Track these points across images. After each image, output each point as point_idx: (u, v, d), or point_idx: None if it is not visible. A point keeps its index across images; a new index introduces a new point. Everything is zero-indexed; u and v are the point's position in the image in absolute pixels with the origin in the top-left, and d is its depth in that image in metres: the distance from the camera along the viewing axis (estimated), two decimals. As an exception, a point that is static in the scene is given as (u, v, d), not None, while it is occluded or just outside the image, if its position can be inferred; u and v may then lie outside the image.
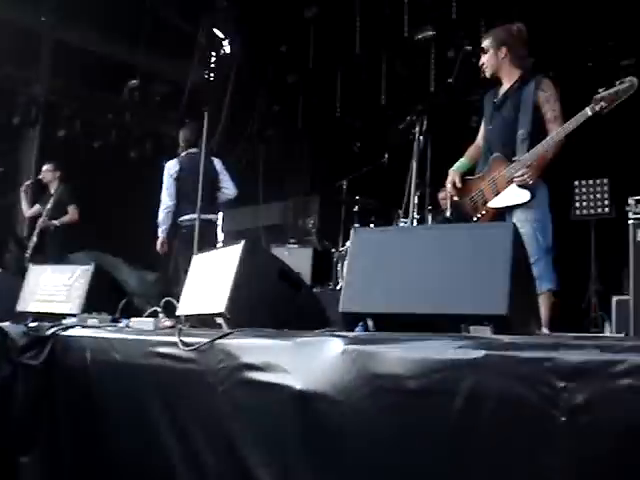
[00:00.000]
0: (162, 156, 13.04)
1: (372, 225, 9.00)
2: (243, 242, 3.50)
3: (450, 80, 4.84)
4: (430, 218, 7.94)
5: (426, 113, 4.62)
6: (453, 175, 5.04)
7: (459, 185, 4.98)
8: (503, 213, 4.72)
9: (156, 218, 8.38)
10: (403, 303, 2.89)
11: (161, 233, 8.05)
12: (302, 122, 13.52)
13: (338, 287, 8.53)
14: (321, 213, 13.66)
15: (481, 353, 2.33)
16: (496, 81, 5.04)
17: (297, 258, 9.63)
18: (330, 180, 11.49)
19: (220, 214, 13.90)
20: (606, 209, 8.92)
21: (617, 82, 4.32)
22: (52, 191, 9.60)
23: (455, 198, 4.97)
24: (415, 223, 8.06)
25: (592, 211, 8.98)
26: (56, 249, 9.18)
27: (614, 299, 7.61)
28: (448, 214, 4.91)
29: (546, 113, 4.60)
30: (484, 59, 4.90)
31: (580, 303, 8.64)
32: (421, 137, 4.72)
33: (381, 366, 2.53)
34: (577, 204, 9.05)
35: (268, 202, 13.89)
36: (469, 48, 5.00)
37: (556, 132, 4.40)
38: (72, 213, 9.38)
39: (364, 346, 2.61)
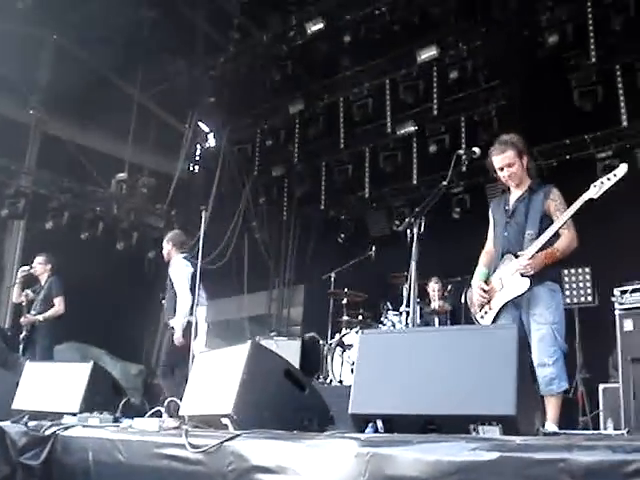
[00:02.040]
0: (147, 248, 13.25)
1: (360, 317, 9.05)
2: (249, 342, 3.56)
3: (445, 183, 4.97)
4: (419, 309, 8.02)
5: (424, 216, 4.70)
6: (479, 284, 5.13)
7: (487, 288, 5.05)
8: (513, 306, 4.86)
9: (142, 310, 8.65)
10: (412, 404, 2.96)
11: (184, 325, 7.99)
12: (287, 214, 13.71)
13: (328, 380, 8.53)
14: (306, 304, 13.71)
15: (495, 455, 2.39)
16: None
17: (285, 350, 9.64)
18: (315, 271, 11.61)
19: (204, 306, 14.00)
20: (589, 297, 9.05)
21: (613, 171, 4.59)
22: (42, 283, 9.60)
23: (485, 299, 5.01)
24: (404, 315, 8.21)
25: (575, 299, 9.09)
26: (45, 341, 9.14)
27: (601, 387, 7.68)
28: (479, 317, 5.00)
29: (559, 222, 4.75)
30: (512, 170, 5.00)
31: (568, 392, 8.66)
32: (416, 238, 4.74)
33: (395, 468, 2.57)
34: (561, 293, 9.18)
35: (253, 292, 13.93)
36: (460, 152, 5.17)
37: (556, 222, 4.60)
38: (58, 305, 9.36)
39: (378, 448, 2.66)
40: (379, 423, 3.01)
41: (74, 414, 4.54)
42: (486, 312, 4.98)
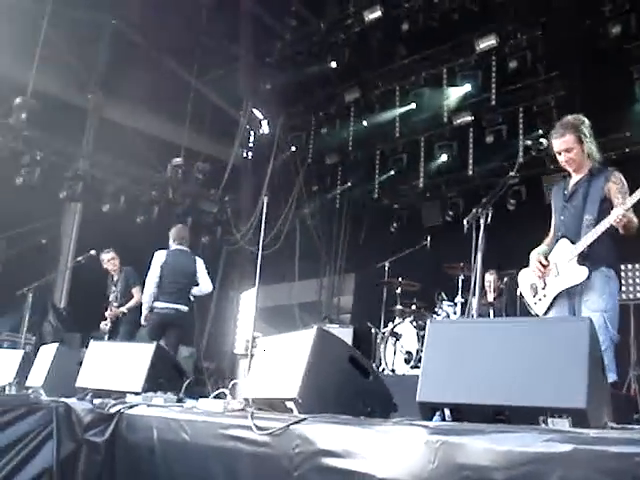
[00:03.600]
0: (202, 233, 13.41)
1: (414, 307, 9.03)
2: (315, 328, 3.59)
3: (512, 173, 4.93)
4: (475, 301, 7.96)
5: (491, 205, 4.66)
6: (538, 257, 5.08)
7: (545, 263, 4.99)
8: (567, 295, 4.80)
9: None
10: (480, 394, 2.95)
11: (147, 310, 8.60)
12: (340, 202, 13.73)
13: (381, 369, 8.55)
14: (356, 292, 13.73)
15: (569, 447, 2.37)
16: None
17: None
18: (366, 260, 11.60)
19: (254, 289, 14.12)
20: (646, 293, 8.93)
21: None
22: (116, 278, 9.76)
23: (541, 275, 4.99)
24: (459, 306, 8.18)
25: (631, 295, 8.96)
26: (127, 328, 9.32)
27: (655, 383, 7.59)
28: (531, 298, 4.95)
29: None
30: (571, 156, 4.90)
31: (621, 388, 8.56)
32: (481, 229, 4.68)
33: (466, 457, 2.57)
34: (616, 288, 9.05)
35: (303, 279, 14.01)
36: (529, 143, 5.10)
37: (614, 210, 4.46)
38: (136, 295, 9.48)
39: (448, 437, 2.66)
40: (447, 412, 3.01)
41: (137, 393, 4.62)
42: (540, 299, 4.92)
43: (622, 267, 8.99)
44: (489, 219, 4.59)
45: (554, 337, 2.93)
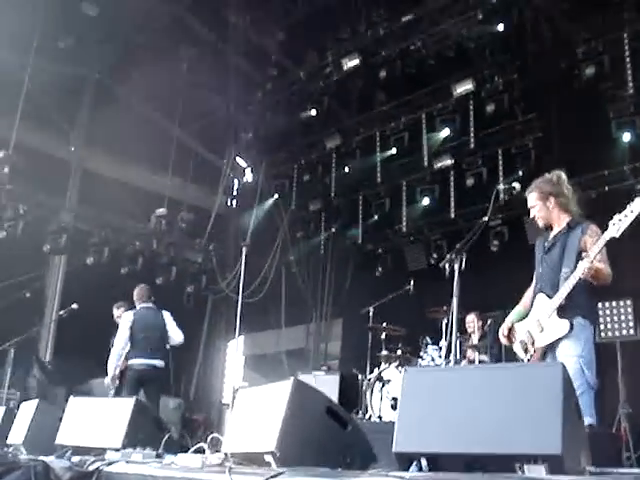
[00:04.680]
0: (186, 282, 13.38)
1: (399, 352, 9.00)
2: (292, 380, 3.57)
3: (485, 219, 4.98)
4: (459, 343, 7.96)
5: (465, 251, 4.70)
6: (504, 326, 5.16)
7: (505, 333, 5.09)
8: (552, 348, 4.80)
9: (180, 345, 8.91)
10: (456, 443, 2.93)
11: (115, 371, 8.72)
12: (324, 248, 13.76)
13: (368, 415, 8.48)
14: (344, 338, 13.68)
15: (543, 496, 2.37)
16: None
17: (323, 385, 9.62)
18: (353, 305, 11.59)
19: (241, 338, 14.05)
20: (631, 330, 8.92)
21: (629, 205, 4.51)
22: None
23: (507, 343, 5.09)
24: (444, 350, 8.16)
25: (617, 333, 8.97)
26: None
27: (645, 423, 7.56)
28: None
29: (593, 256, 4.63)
30: (534, 212, 5.08)
31: (611, 427, 8.51)
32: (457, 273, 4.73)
33: (441, 508, 2.56)
34: (602, 326, 9.04)
35: (290, 326, 13.96)
36: (500, 187, 5.20)
37: (580, 263, 4.52)
38: None
39: (423, 488, 2.65)
40: (423, 462, 2.99)
41: (117, 449, 4.57)
42: (531, 355, 4.92)
43: (607, 304, 9.05)
44: (463, 264, 4.60)
45: (528, 383, 2.93)
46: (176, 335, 8.93)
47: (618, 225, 4.45)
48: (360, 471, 3.14)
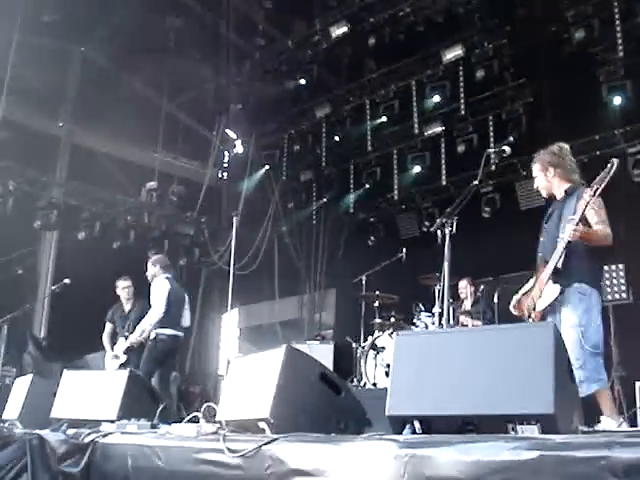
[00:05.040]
0: (179, 256, 13.35)
1: (392, 319, 9.02)
2: (284, 347, 3.57)
3: (475, 183, 4.97)
4: (452, 310, 7.99)
5: (455, 215, 4.70)
6: (514, 297, 5.26)
7: (514, 304, 5.21)
8: (552, 313, 4.86)
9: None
10: (449, 405, 2.95)
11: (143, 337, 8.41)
12: (316, 218, 13.74)
13: (362, 383, 8.51)
14: (338, 308, 13.71)
15: (535, 454, 2.37)
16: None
17: (318, 354, 9.64)
18: (346, 275, 11.58)
19: (235, 309, 14.05)
20: (623, 294, 8.96)
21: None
22: (128, 308, 9.29)
23: (519, 314, 5.18)
24: (437, 317, 8.18)
25: (609, 297, 9.00)
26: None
27: (638, 384, 7.60)
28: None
29: (592, 218, 4.73)
30: (537, 183, 5.25)
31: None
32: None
33: (435, 469, 2.57)
34: (595, 290, 9.07)
35: (284, 297, 13.97)
36: (490, 151, 5.21)
37: (567, 227, 4.61)
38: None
39: (417, 449, 2.65)
40: (417, 424, 3.00)
41: (112, 421, 4.58)
42: (532, 320, 4.96)
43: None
44: (454, 228, 4.60)
45: (519, 344, 2.94)
46: (187, 318, 8.73)
47: (596, 186, 4.50)
48: (354, 435, 3.15)
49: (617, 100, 9.66)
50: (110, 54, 12.74)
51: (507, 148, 5.17)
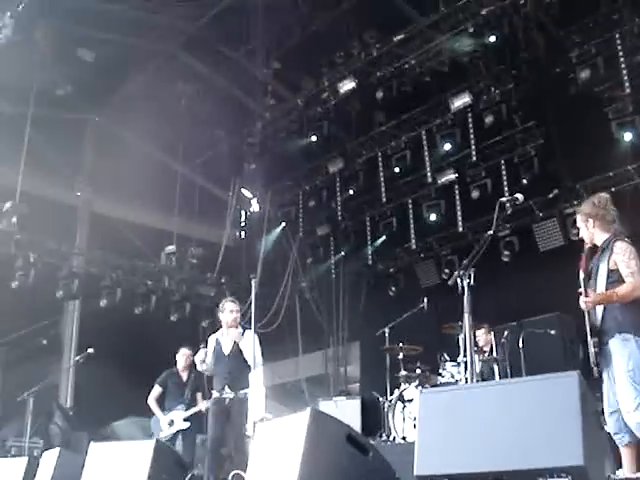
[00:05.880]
0: (201, 317, 13.37)
1: (418, 371, 8.93)
2: (309, 410, 3.55)
3: (490, 232, 4.98)
4: (477, 359, 7.91)
5: (473, 267, 4.72)
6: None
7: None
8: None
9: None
10: (478, 462, 2.91)
11: None
12: (335, 272, 13.75)
13: (392, 437, 8.41)
14: (363, 361, 13.61)
15: (569, 509, 2.34)
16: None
17: (345, 410, 9.57)
18: (369, 327, 11.54)
19: (260, 368, 13.97)
20: None
21: None
22: (185, 378, 9.15)
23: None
24: (462, 366, 8.09)
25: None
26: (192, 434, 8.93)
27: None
28: None
29: (623, 271, 4.89)
30: (581, 233, 5.38)
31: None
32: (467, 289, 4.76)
33: (467, 530, 2.53)
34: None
35: (308, 352, 13.90)
36: (503, 200, 5.25)
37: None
38: (200, 401, 9.17)
39: (448, 511, 2.62)
40: (446, 483, 2.97)
41: (141, 494, 4.55)
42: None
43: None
44: (472, 279, 4.62)
45: (545, 396, 2.90)
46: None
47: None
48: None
49: (628, 136, 9.68)
50: (124, 122, 12.98)
51: (520, 196, 5.22)
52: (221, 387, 7.28)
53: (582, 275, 4.95)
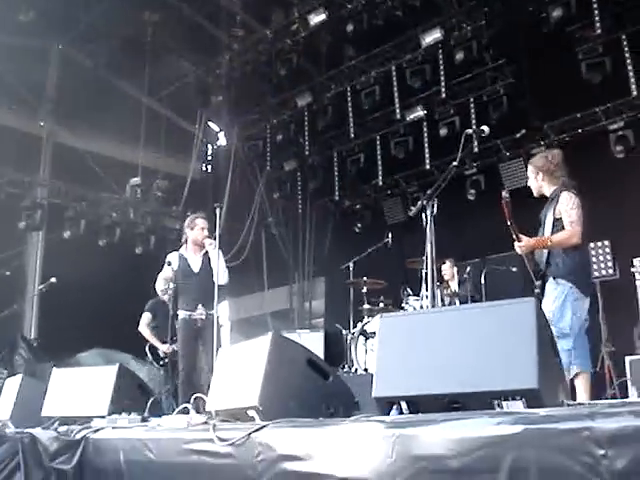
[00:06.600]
0: (166, 250, 13.31)
1: (381, 305, 9.05)
2: (270, 334, 3.58)
3: (455, 163, 5.03)
4: (439, 293, 8.01)
5: (436, 197, 4.78)
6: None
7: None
8: None
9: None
10: (435, 384, 2.97)
11: None
12: (302, 207, 13.73)
13: (353, 369, 8.55)
14: (327, 296, 13.73)
15: (519, 428, 2.40)
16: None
17: (308, 342, 9.67)
18: (334, 262, 11.60)
19: (226, 302, 14.01)
20: (610, 270, 9.01)
21: None
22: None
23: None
24: (425, 300, 8.19)
25: (596, 273, 9.04)
26: None
27: (627, 359, 7.64)
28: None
29: (564, 221, 5.20)
30: (529, 183, 5.68)
31: (595, 366, 8.62)
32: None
33: (422, 448, 2.59)
34: (582, 267, 9.10)
35: (273, 287, 13.97)
36: (469, 131, 5.31)
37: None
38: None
39: (404, 429, 2.67)
40: (403, 405, 3.02)
41: (103, 417, 4.59)
42: None
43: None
44: (435, 210, 4.71)
45: (502, 320, 2.96)
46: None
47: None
48: (342, 419, 3.17)
49: (597, 78, 9.66)
50: (89, 51, 12.68)
51: (486, 128, 5.33)
52: (193, 306, 7.00)
53: (509, 222, 5.16)
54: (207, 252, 7.29)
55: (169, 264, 7.39)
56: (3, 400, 6.16)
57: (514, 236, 5.16)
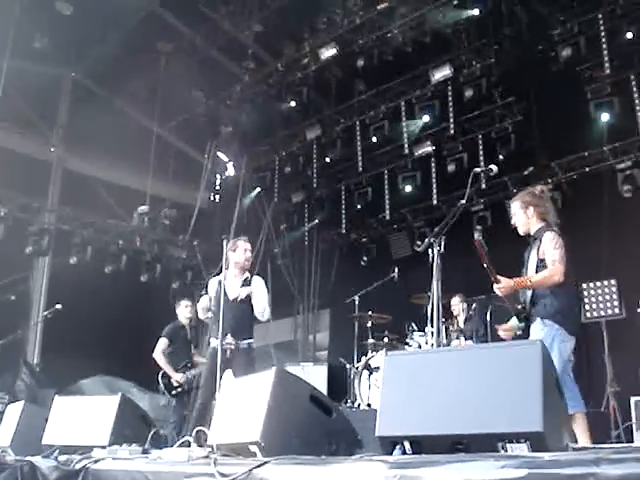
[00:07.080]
0: (171, 279, 13.34)
1: (385, 339, 9.01)
2: (274, 369, 3.57)
3: (463, 202, 5.04)
4: (444, 329, 7.99)
5: (443, 234, 4.78)
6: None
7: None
8: None
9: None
10: (439, 425, 2.94)
11: None
12: (309, 239, 13.75)
13: (357, 404, 8.48)
14: (332, 329, 13.67)
15: (524, 472, 2.37)
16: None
17: (312, 375, 9.62)
18: (339, 295, 11.58)
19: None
20: (616, 309, 8.96)
21: None
22: (189, 334, 9.20)
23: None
24: (430, 336, 8.16)
25: (602, 312, 8.99)
26: None
27: (633, 400, 7.58)
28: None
29: (547, 260, 5.11)
30: (515, 220, 5.57)
31: (600, 406, 8.55)
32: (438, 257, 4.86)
33: (425, 490, 2.56)
34: (587, 306, 9.08)
35: (278, 319, 13.91)
36: (477, 170, 5.31)
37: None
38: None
39: (406, 470, 2.64)
40: (407, 445, 3.00)
41: (104, 447, 4.56)
42: None
43: (592, 285, 9.06)
44: (443, 246, 4.70)
45: (507, 362, 2.94)
46: None
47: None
48: (345, 457, 3.14)
49: (605, 117, 9.71)
50: (101, 79, 12.81)
51: (494, 167, 5.30)
52: (223, 335, 6.68)
53: (485, 264, 5.14)
54: (247, 278, 7.17)
55: (206, 292, 7.21)
56: (4, 427, 6.13)
57: (492, 278, 5.12)
